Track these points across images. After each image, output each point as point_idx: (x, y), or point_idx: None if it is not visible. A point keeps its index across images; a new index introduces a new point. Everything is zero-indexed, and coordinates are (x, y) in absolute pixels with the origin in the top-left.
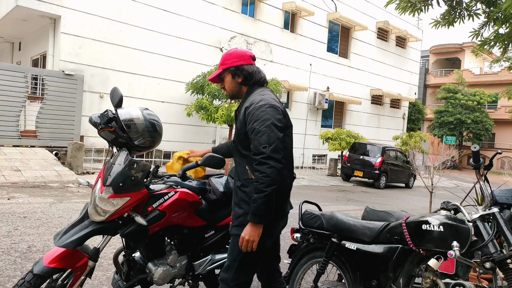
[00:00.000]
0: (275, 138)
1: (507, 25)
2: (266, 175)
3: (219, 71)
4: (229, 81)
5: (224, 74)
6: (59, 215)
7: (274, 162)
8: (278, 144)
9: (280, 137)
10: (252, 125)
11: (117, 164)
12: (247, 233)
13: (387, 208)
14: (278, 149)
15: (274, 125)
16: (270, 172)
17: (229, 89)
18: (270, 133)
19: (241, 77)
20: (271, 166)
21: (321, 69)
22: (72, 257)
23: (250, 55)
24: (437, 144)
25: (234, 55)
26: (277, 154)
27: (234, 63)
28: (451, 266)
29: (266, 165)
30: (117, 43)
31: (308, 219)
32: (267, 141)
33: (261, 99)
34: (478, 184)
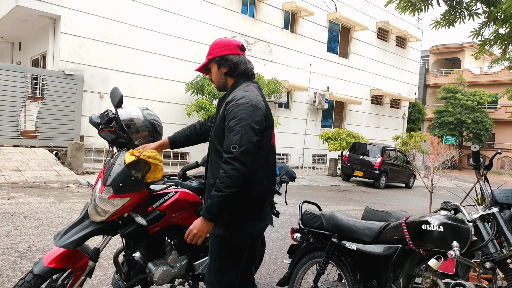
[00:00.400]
0: (247, 141)
1: (507, 25)
2: (229, 176)
3: (205, 62)
4: (215, 71)
5: (210, 64)
6: (59, 215)
7: (239, 165)
8: (249, 147)
9: (252, 141)
10: (229, 122)
11: (117, 164)
12: (196, 227)
13: (387, 208)
14: (247, 152)
15: (250, 127)
16: (232, 174)
17: (215, 80)
18: (244, 134)
19: (226, 68)
20: (236, 168)
21: (321, 69)
22: (72, 257)
23: (237, 44)
24: (437, 144)
25: (220, 44)
26: (245, 158)
27: (219, 53)
28: (451, 266)
29: (231, 165)
30: (117, 43)
31: (308, 219)
32: (238, 142)
33: (243, 96)
34: (478, 184)
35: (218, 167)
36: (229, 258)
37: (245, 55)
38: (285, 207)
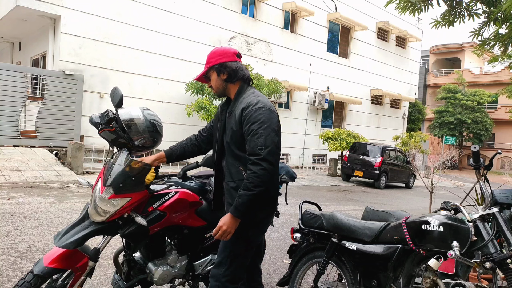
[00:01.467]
0: (271, 142)
1: (507, 25)
2: (258, 175)
3: (204, 70)
4: (215, 79)
5: (209, 72)
6: (59, 215)
7: (267, 165)
8: (273, 147)
9: (275, 141)
10: (250, 127)
11: (117, 164)
12: (226, 223)
13: (387, 208)
14: (273, 152)
15: (271, 129)
16: (261, 174)
17: (215, 87)
18: (267, 136)
19: (226, 74)
20: (264, 168)
21: (321, 69)
22: (72, 257)
23: (234, 52)
24: (437, 144)
25: (217, 53)
26: (272, 157)
27: (218, 61)
28: (451, 266)
29: (260, 166)
30: (117, 43)
31: (308, 219)
32: (264, 143)
33: (258, 101)
34: (478, 184)
35: (238, 170)
36: (242, 255)
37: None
38: (285, 207)
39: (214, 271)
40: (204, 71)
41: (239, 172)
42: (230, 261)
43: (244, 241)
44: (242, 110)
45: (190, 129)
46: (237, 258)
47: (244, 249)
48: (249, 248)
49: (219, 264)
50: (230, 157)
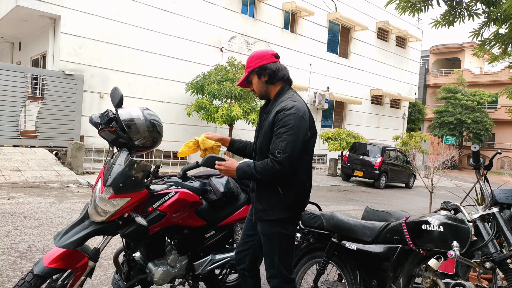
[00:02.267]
0: (291, 149)
1: (507, 25)
2: (266, 169)
3: (246, 75)
4: (256, 82)
5: (250, 76)
6: (59, 215)
7: (279, 167)
8: (293, 155)
9: (297, 149)
10: (279, 129)
11: (117, 164)
12: (229, 166)
13: (387, 208)
14: (290, 159)
15: (296, 136)
16: (269, 169)
17: (258, 90)
18: (289, 143)
19: (266, 76)
20: (275, 168)
21: (321, 69)
22: (72, 257)
23: (272, 53)
24: (437, 144)
25: (256, 56)
26: (287, 163)
27: (257, 64)
28: (451, 266)
29: (272, 164)
30: (117, 43)
31: (308, 219)
32: (283, 149)
33: (293, 106)
34: (478, 184)
35: None
36: (288, 249)
37: (280, 62)
38: None
39: (272, 272)
40: (245, 75)
41: None
42: (282, 260)
43: (287, 238)
44: (276, 113)
45: (190, 129)
46: (286, 255)
47: (289, 245)
48: (292, 243)
49: (272, 265)
50: (260, 157)
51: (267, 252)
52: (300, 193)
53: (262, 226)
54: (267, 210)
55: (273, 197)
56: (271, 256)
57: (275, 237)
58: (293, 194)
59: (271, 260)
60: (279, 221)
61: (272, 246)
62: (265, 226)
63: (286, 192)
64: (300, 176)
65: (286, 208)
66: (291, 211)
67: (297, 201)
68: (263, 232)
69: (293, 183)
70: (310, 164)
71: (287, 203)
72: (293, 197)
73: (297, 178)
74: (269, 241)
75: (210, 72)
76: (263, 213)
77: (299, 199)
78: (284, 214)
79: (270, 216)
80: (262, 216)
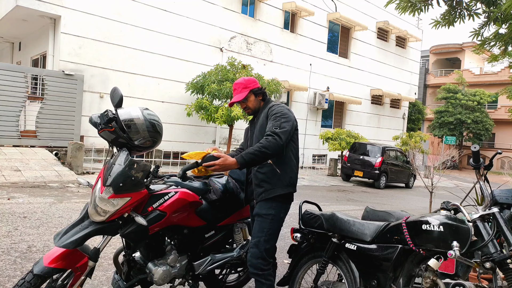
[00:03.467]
0: (286, 125)
1: (507, 25)
2: (268, 141)
3: (246, 94)
4: (253, 99)
5: (250, 95)
6: (59, 215)
7: (278, 138)
8: (287, 130)
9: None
10: (273, 115)
11: (117, 164)
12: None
13: (387, 208)
14: (285, 133)
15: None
16: (270, 140)
17: (253, 106)
18: (283, 122)
19: (261, 95)
20: (275, 139)
21: (321, 69)
22: (72, 257)
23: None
24: (437, 144)
25: (251, 80)
26: (283, 136)
27: (255, 86)
28: (451, 266)
29: (272, 137)
30: (117, 43)
31: (308, 219)
32: (279, 125)
33: (280, 104)
34: (478, 184)
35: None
36: (276, 232)
37: None
38: None
39: (253, 250)
40: (245, 94)
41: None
42: (268, 239)
43: (278, 221)
44: (268, 109)
45: (190, 129)
46: (272, 235)
47: (278, 227)
48: (280, 226)
49: (257, 244)
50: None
51: (256, 232)
52: (293, 173)
53: (260, 207)
54: (269, 190)
55: (273, 177)
56: (259, 236)
57: (269, 218)
58: (289, 173)
59: (258, 240)
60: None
61: (263, 226)
62: (262, 208)
63: (284, 171)
64: (291, 160)
65: (285, 185)
66: (289, 187)
67: (293, 179)
68: (260, 213)
69: (288, 164)
70: (297, 152)
71: (285, 180)
72: (289, 175)
73: (290, 161)
74: (262, 222)
75: (210, 72)
76: (266, 193)
77: (294, 177)
78: (284, 190)
79: (272, 193)
80: (265, 196)
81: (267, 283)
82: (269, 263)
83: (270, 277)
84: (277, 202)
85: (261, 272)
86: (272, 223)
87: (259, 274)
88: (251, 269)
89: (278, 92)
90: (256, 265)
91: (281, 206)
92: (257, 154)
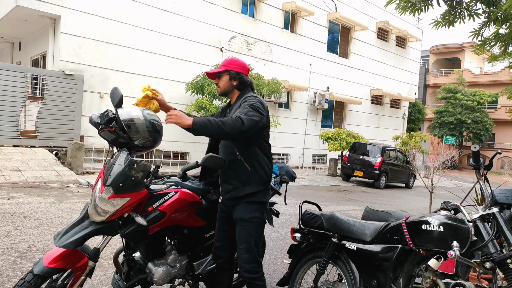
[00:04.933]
0: (252, 116)
1: (507, 25)
2: (229, 119)
3: (221, 70)
4: (226, 80)
5: (223, 73)
6: (59, 215)
7: (240, 121)
8: (251, 120)
9: (256, 118)
10: (245, 103)
11: (117, 164)
12: (179, 116)
13: (387, 208)
14: (249, 121)
15: (257, 107)
16: (231, 121)
17: (223, 87)
18: (250, 111)
19: (237, 82)
20: (236, 121)
21: (321, 69)
22: (72, 257)
23: (248, 69)
24: (437, 144)
25: (238, 63)
26: (246, 121)
27: (235, 69)
28: (451, 266)
29: (235, 119)
30: (117, 43)
31: (308, 219)
32: (245, 112)
33: (256, 96)
34: (478, 184)
35: (232, 151)
36: (262, 234)
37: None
38: (285, 207)
39: (246, 256)
40: (220, 70)
41: (233, 153)
42: (256, 243)
43: (262, 223)
44: (242, 100)
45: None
46: (259, 238)
47: (262, 229)
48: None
49: (248, 249)
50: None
51: (244, 237)
52: (264, 171)
53: (242, 211)
54: (238, 188)
55: (242, 174)
56: (248, 241)
57: (254, 221)
58: (259, 171)
59: (247, 245)
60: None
61: (250, 231)
62: (245, 212)
63: (254, 169)
64: (261, 157)
65: (256, 182)
66: (260, 185)
67: (264, 177)
68: (243, 217)
69: (258, 161)
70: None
71: (256, 178)
72: (260, 173)
73: (260, 158)
74: (247, 226)
75: None
76: (235, 191)
77: (265, 175)
78: (254, 189)
79: (241, 192)
80: (234, 194)
81: (261, 284)
82: (261, 264)
83: (263, 277)
84: (259, 205)
85: (255, 275)
86: (258, 225)
87: (254, 277)
88: (246, 274)
89: (278, 92)
90: (250, 269)
91: (263, 208)
92: (212, 123)
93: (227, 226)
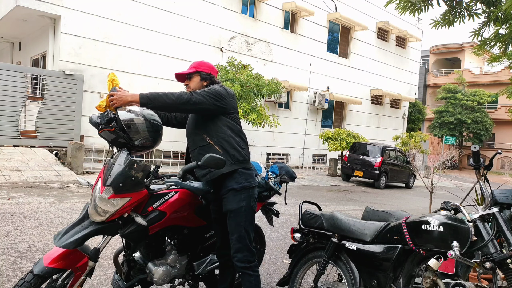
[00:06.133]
0: (202, 93)
1: (507, 25)
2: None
3: (191, 71)
4: (196, 81)
5: (194, 74)
6: (59, 215)
7: (190, 95)
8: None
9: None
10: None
11: (117, 164)
12: (122, 96)
13: (387, 208)
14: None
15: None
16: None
17: (194, 88)
18: (204, 91)
19: (207, 82)
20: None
21: (321, 69)
22: (72, 257)
23: (217, 71)
24: (437, 144)
25: (207, 65)
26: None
27: (206, 70)
28: (451, 266)
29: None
30: (117, 43)
31: (308, 219)
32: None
33: (222, 85)
34: (478, 184)
35: (201, 138)
36: (252, 221)
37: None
38: (285, 207)
39: (238, 246)
40: (191, 71)
41: (203, 139)
42: (248, 232)
43: (251, 212)
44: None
45: None
46: (250, 227)
47: (253, 218)
48: (254, 214)
49: (239, 239)
50: (195, 127)
51: (234, 227)
52: (236, 150)
53: (229, 203)
54: (213, 171)
55: None
56: (239, 231)
57: (242, 211)
58: (231, 151)
59: (239, 235)
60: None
61: (239, 220)
62: (231, 203)
63: (225, 151)
64: (231, 137)
65: (229, 163)
66: (233, 165)
67: (237, 156)
68: (231, 208)
69: (228, 142)
70: (238, 130)
71: (229, 159)
72: (232, 153)
73: (229, 138)
74: (237, 217)
75: None
76: (210, 174)
77: (238, 155)
78: (229, 169)
79: (217, 174)
80: (210, 177)
81: (254, 274)
82: (254, 253)
83: (257, 268)
84: (245, 193)
85: (248, 264)
86: (247, 214)
87: (247, 266)
88: (239, 263)
89: (278, 92)
90: (243, 259)
91: (249, 195)
92: (160, 94)
93: (223, 225)
